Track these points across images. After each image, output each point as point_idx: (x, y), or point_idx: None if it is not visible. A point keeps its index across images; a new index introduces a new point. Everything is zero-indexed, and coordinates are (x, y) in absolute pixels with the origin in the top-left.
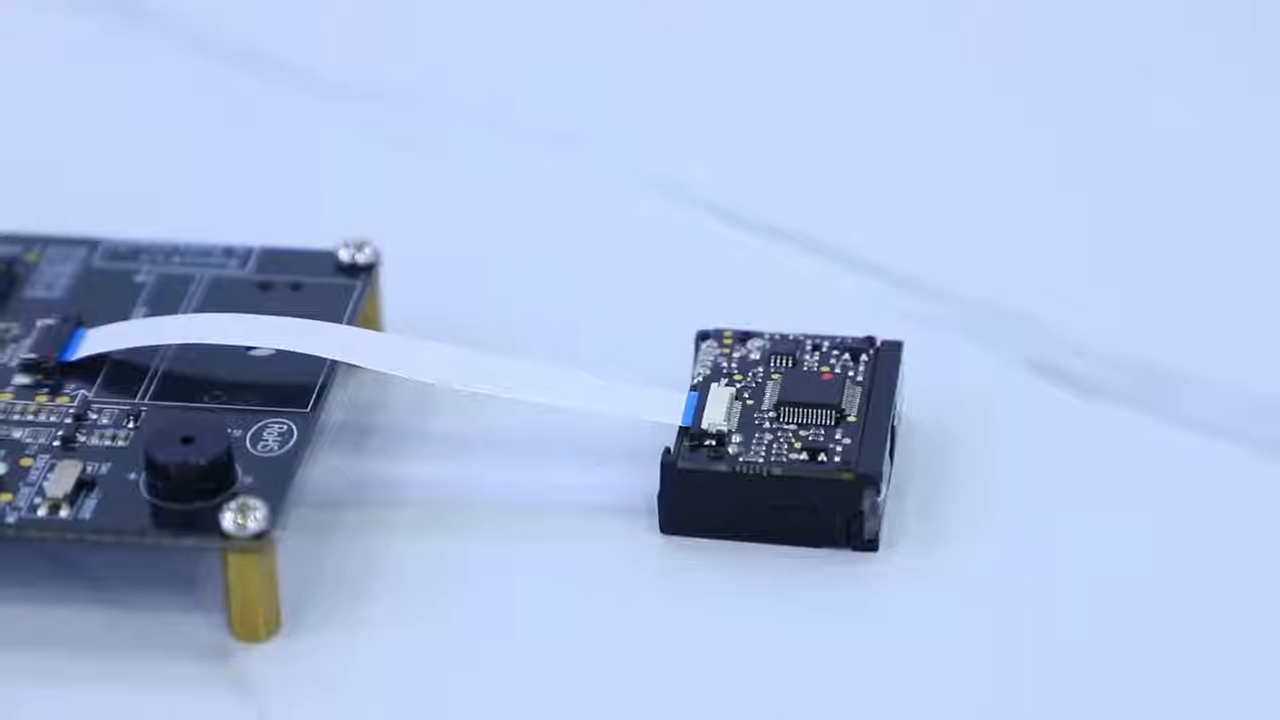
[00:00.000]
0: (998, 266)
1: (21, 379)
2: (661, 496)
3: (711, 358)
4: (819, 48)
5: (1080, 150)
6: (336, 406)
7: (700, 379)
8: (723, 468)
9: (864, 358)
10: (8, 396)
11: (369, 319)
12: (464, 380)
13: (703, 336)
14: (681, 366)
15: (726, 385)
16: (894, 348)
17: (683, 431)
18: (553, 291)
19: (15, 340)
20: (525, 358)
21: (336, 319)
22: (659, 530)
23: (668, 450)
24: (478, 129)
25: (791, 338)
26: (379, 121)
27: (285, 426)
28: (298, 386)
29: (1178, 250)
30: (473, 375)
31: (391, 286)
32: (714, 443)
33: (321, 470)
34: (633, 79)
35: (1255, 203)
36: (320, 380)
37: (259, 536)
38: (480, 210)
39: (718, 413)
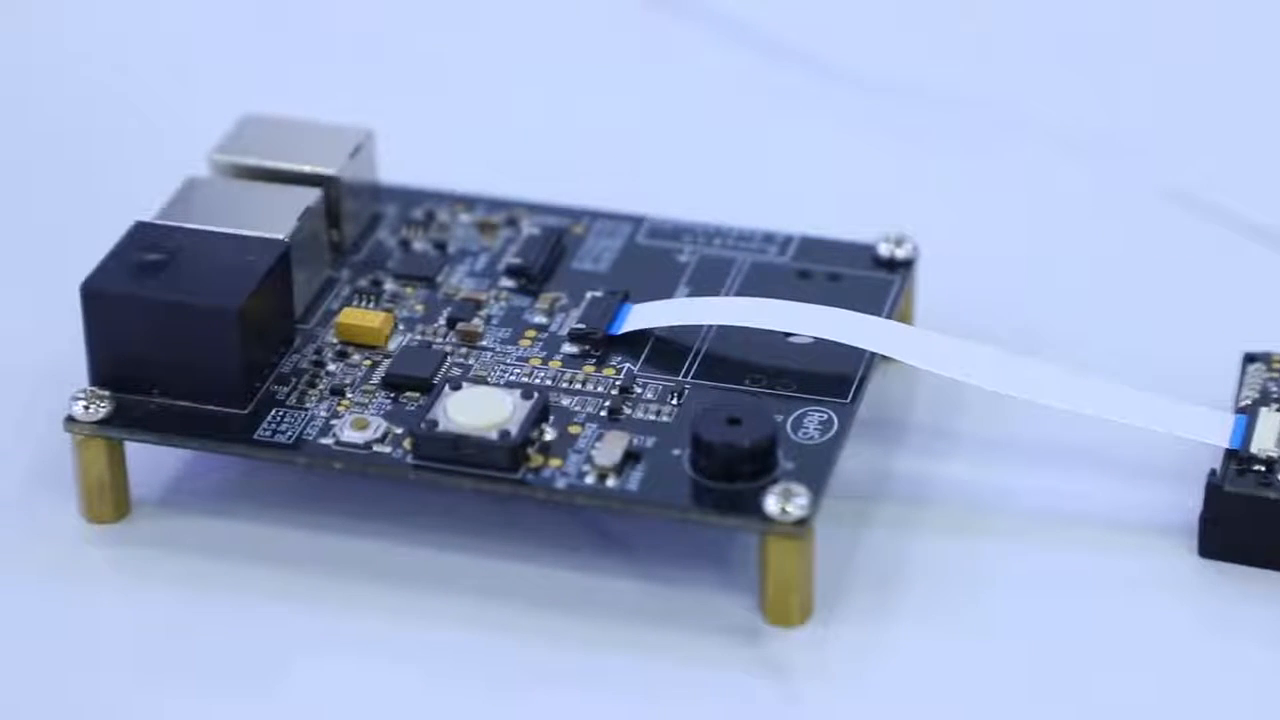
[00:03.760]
0: None
1: (570, 348)
2: (1204, 519)
3: (1259, 381)
4: None
5: None
6: (866, 399)
7: (1248, 402)
8: (1272, 495)
9: None
10: (556, 364)
11: (903, 314)
12: (1004, 382)
13: (1250, 359)
14: (1213, 387)
15: (1277, 410)
16: None
17: (1229, 454)
18: (1085, 300)
19: (564, 310)
20: (1061, 364)
21: (875, 312)
22: (1197, 553)
23: (1213, 472)
24: (1017, 132)
25: None
26: (915, 118)
27: (825, 415)
28: (837, 376)
29: None
30: (1012, 378)
31: (921, 282)
32: (1263, 468)
33: (850, 461)
34: (1180, 91)
35: None
36: (860, 372)
37: (800, 523)
38: (1015, 214)
39: (1268, 438)
